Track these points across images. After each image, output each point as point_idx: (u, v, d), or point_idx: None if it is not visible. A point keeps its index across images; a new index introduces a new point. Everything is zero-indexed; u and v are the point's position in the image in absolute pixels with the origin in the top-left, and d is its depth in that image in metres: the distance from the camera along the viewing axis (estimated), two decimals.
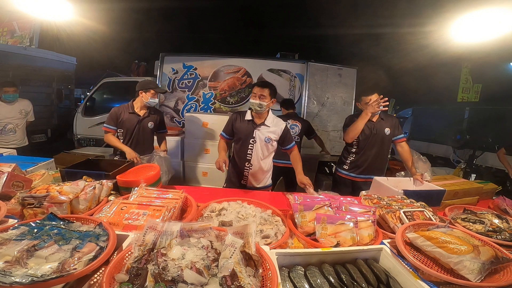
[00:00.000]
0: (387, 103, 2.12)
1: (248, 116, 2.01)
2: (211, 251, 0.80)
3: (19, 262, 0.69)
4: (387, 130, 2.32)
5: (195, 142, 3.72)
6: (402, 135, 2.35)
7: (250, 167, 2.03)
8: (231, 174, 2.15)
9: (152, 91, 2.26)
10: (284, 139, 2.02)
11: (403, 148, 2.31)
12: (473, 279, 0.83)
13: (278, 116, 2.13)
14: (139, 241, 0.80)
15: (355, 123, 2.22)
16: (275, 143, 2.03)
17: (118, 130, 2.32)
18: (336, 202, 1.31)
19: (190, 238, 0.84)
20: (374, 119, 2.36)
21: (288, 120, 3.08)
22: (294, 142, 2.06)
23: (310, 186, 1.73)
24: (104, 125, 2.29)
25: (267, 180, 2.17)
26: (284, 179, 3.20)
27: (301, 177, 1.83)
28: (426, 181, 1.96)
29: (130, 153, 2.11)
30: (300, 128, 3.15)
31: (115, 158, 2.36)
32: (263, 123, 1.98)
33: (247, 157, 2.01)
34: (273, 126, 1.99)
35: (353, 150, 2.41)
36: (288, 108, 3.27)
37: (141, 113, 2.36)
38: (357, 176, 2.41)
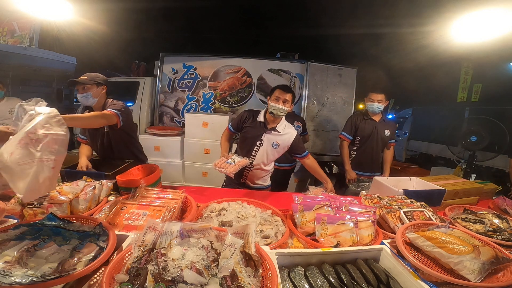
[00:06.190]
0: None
1: (260, 118, 1.92)
2: (211, 251, 0.80)
3: (19, 262, 0.69)
4: (387, 132, 2.50)
5: (195, 142, 3.73)
6: (394, 140, 2.68)
7: (251, 168, 1.98)
8: None
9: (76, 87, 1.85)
10: (296, 147, 1.93)
11: (390, 150, 2.67)
12: (473, 279, 0.83)
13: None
14: (139, 241, 0.80)
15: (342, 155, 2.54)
16: (281, 150, 1.95)
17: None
18: (336, 202, 1.31)
19: (190, 238, 0.84)
20: (377, 119, 2.46)
21: (293, 122, 3.02)
22: (307, 150, 1.98)
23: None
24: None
25: (267, 179, 2.13)
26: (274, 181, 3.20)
27: (330, 187, 1.88)
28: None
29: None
30: (301, 127, 3.15)
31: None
32: (274, 128, 1.89)
33: (250, 158, 1.94)
34: (284, 133, 1.91)
35: (355, 147, 2.52)
36: None
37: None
38: (362, 174, 2.49)
